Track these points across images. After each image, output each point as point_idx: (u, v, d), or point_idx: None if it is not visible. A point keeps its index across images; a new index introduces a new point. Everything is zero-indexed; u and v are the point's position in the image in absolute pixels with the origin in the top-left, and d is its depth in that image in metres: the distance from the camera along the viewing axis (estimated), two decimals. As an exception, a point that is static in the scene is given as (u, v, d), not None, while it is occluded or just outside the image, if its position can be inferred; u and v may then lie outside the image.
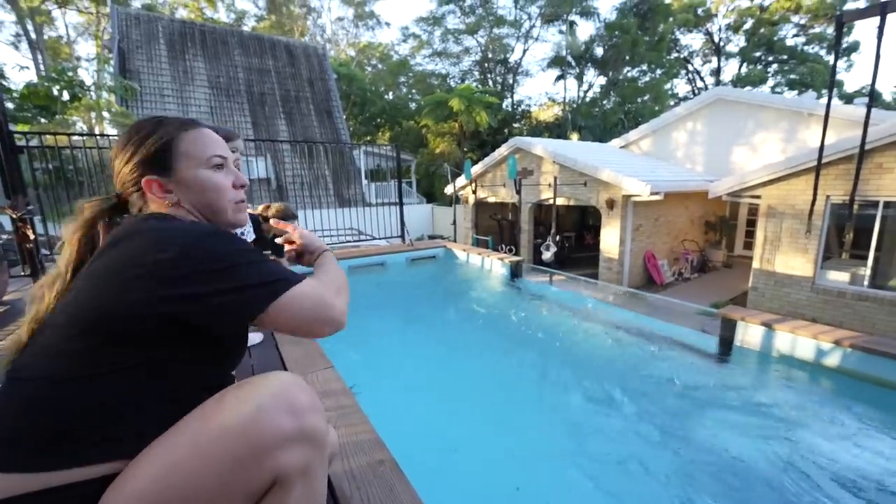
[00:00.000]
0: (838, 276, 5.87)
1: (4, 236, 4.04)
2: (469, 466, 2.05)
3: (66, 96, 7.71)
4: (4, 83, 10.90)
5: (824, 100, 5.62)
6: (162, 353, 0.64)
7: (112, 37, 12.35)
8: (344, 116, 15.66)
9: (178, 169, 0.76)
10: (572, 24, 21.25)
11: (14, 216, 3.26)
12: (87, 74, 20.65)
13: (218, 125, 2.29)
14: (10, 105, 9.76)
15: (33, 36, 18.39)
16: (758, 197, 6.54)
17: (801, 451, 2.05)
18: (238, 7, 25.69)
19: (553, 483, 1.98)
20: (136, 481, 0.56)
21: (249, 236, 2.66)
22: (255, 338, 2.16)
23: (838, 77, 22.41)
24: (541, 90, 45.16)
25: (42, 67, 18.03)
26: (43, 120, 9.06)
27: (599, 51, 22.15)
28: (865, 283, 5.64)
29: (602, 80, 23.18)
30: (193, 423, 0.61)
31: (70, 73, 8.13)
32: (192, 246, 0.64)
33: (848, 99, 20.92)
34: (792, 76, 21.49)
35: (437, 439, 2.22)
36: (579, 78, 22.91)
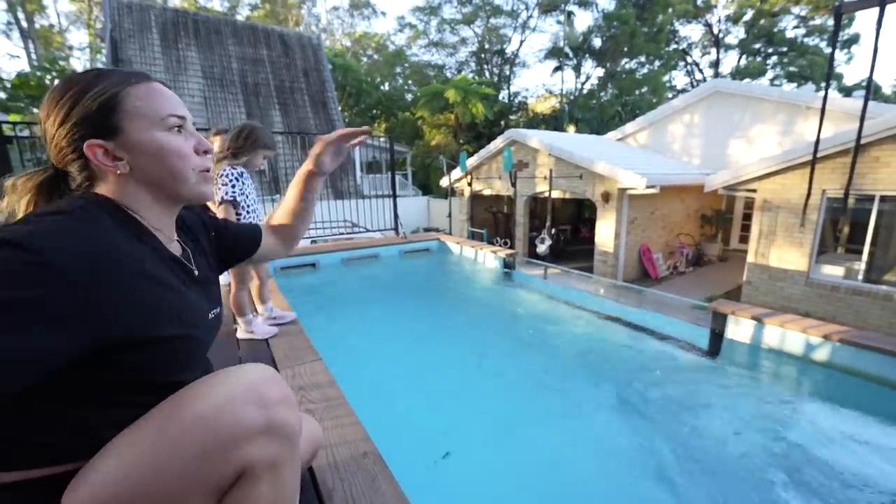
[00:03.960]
0: (832, 271, 5.89)
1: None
2: (454, 458, 2.06)
3: (56, 86, 7.58)
4: (-6, 73, 10.72)
5: (822, 92, 5.57)
6: None
7: (104, 25, 12.12)
8: (339, 107, 15.50)
9: (126, 130, 0.64)
10: (570, 14, 21.00)
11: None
12: (79, 64, 20.34)
13: (258, 124, 2.01)
14: (1, 95, 9.61)
15: (24, 24, 18.04)
16: (753, 191, 6.54)
17: (785, 446, 2.07)
18: (232, -5, 25.21)
19: (533, 467, 2.00)
20: (99, 475, 0.56)
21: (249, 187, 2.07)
22: (270, 331, 2.13)
23: (838, 69, 22.31)
24: (538, 82, 44.78)
25: (34, 57, 17.72)
26: (35, 110, 8.93)
27: (597, 42, 21.90)
28: (860, 277, 5.66)
29: (600, 71, 22.97)
30: (161, 412, 0.60)
31: (62, 63, 8.00)
32: None
33: (847, 92, 20.83)
34: (791, 69, 21.38)
35: (423, 430, 2.23)
36: (577, 69, 22.69)
